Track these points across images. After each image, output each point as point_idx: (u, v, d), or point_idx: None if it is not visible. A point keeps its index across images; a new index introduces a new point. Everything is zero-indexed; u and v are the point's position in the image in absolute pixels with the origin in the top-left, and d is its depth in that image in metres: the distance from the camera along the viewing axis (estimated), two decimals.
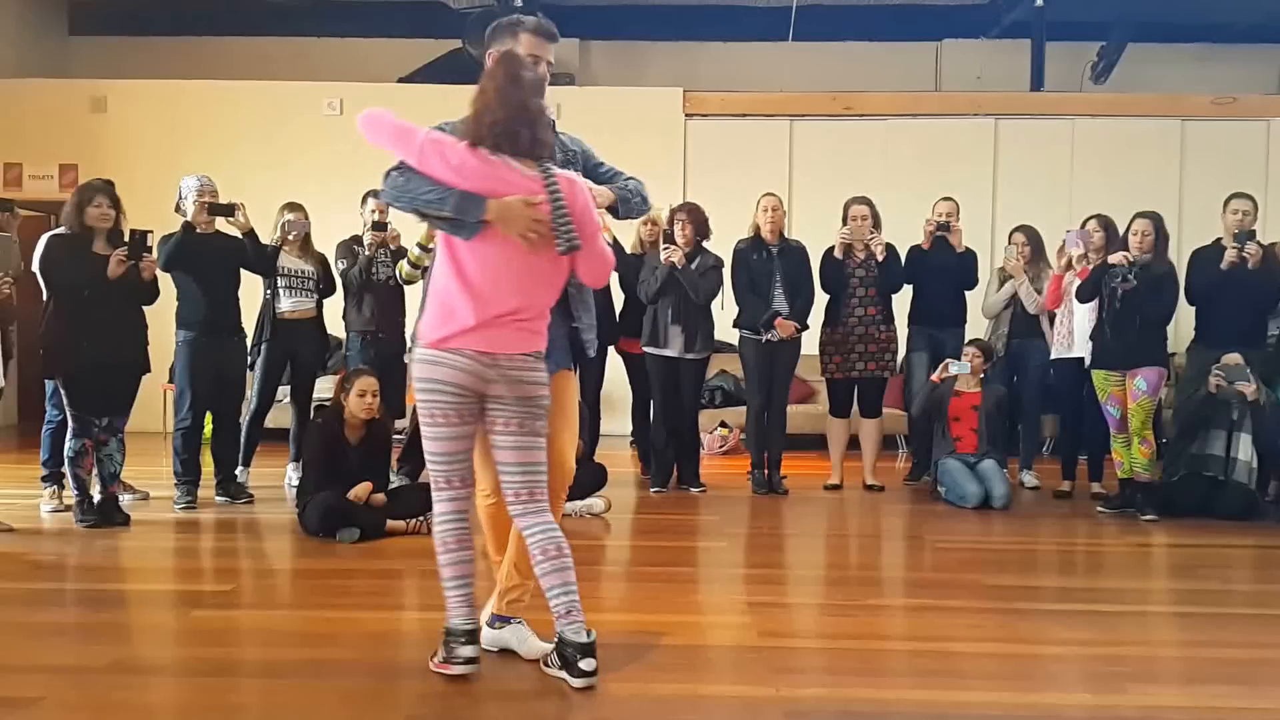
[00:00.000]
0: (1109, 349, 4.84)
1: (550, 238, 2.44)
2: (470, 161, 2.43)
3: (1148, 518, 4.80)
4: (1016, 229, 5.77)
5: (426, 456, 2.58)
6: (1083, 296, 4.98)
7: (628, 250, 5.70)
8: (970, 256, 5.62)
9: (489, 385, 2.48)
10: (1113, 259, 4.77)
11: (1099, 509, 5.01)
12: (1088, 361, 5.16)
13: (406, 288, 5.21)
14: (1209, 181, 7.15)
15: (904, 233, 5.71)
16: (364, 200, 5.36)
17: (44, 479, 4.85)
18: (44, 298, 4.51)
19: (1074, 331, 5.27)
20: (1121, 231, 4.94)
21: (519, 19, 2.69)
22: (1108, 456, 5.18)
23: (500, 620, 2.77)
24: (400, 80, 8.35)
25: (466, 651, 2.55)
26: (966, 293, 5.68)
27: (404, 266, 5.09)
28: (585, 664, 2.48)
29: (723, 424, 7.32)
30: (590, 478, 4.90)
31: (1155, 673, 2.74)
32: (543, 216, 2.43)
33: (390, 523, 4.24)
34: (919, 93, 8.52)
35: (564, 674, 2.52)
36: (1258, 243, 4.91)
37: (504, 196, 2.41)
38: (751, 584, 3.73)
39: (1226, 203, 5.13)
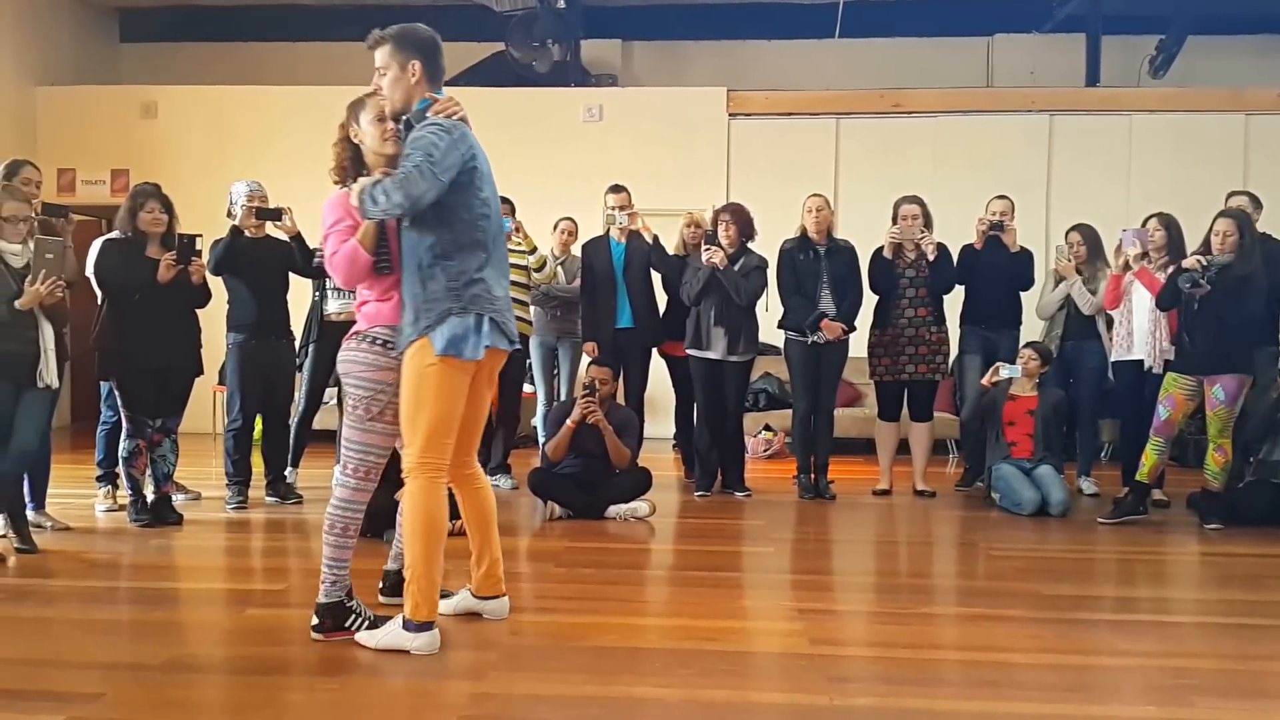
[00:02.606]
0: (1188, 355, 4.65)
1: None
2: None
3: (1212, 526, 4.65)
4: (1072, 228, 5.64)
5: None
6: (1163, 304, 4.80)
7: (670, 251, 5.66)
8: (1026, 256, 5.50)
9: None
10: (1185, 263, 4.59)
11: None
12: (1148, 363, 5.02)
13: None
14: (1277, 178, 6.91)
15: (956, 232, 5.61)
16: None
17: (99, 479, 4.94)
18: (98, 301, 4.60)
19: (1134, 333, 5.13)
20: (1205, 232, 4.73)
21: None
22: (1170, 462, 5.03)
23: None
24: (444, 84, 8.42)
25: None
26: (1022, 294, 5.56)
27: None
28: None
29: (767, 427, 7.25)
30: (635, 481, 4.89)
31: (1222, 685, 2.64)
32: None
33: None
34: (970, 89, 8.38)
35: None
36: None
37: None
38: (800, 590, 3.67)
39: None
